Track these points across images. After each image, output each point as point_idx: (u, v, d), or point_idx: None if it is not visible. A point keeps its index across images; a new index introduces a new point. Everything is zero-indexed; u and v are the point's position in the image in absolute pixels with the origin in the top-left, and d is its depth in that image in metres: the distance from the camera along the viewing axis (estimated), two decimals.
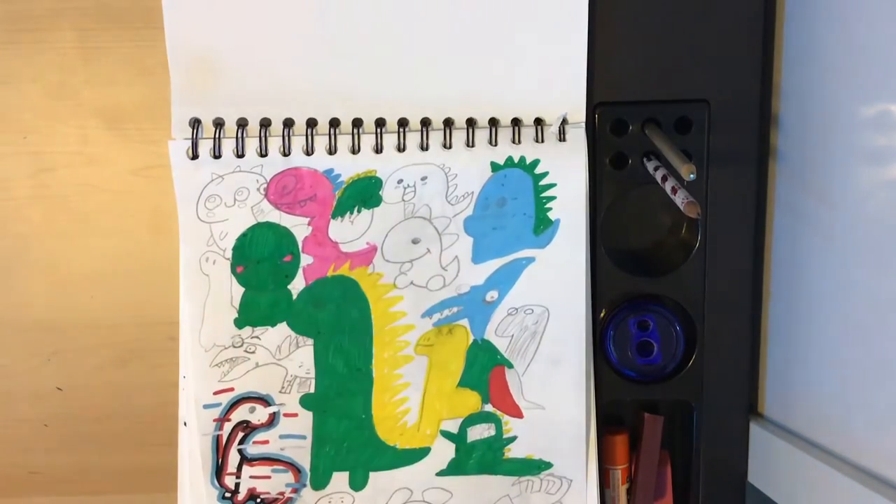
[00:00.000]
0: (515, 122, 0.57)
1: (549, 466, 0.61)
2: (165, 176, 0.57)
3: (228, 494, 0.60)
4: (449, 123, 0.57)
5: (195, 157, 0.56)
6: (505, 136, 0.57)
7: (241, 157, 0.56)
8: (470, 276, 0.58)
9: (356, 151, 0.56)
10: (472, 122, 0.57)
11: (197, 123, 0.56)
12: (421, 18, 0.56)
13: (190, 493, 0.60)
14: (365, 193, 0.57)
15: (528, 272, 0.59)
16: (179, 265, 0.57)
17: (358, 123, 0.57)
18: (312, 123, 0.56)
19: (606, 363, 0.61)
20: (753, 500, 0.62)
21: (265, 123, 0.56)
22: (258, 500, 0.60)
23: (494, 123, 0.57)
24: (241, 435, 0.59)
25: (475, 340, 0.59)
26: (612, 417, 0.64)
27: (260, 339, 0.58)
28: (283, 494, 0.60)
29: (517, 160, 0.57)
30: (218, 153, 0.56)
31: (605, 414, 0.62)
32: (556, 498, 0.61)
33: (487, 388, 0.60)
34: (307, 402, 0.59)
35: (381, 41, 0.56)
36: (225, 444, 0.59)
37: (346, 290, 0.58)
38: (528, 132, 0.57)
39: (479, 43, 0.56)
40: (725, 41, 0.57)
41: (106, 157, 0.58)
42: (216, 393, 0.58)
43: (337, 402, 0.59)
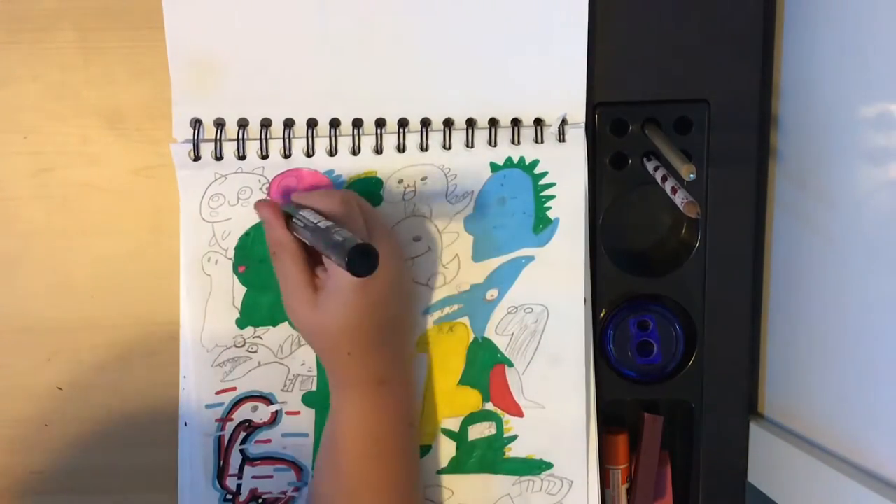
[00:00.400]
0: (515, 122, 0.57)
1: (549, 467, 0.61)
2: (166, 176, 0.57)
3: (230, 496, 0.60)
4: (449, 124, 0.57)
5: (197, 158, 0.56)
6: (504, 136, 0.57)
7: (242, 158, 0.56)
8: (470, 274, 0.58)
9: (356, 152, 0.56)
10: (471, 122, 0.57)
11: (198, 124, 0.56)
12: (421, 19, 0.56)
13: (190, 493, 0.60)
14: (365, 193, 0.57)
15: (527, 271, 0.59)
16: (180, 265, 0.57)
17: (358, 124, 0.57)
18: (313, 124, 0.56)
19: (606, 363, 0.61)
20: (753, 500, 0.62)
21: (266, 124, 0.56)
22: (260, 500, 0.60)
23: (494, 124, 0.57)
24: (243, 434, 0.59)
25: (475, 338, 0.59)
26: (612, 417, 0.64)
27: (262, 338, 0.58)
28: (285, 493, 0.60)
29: (517, 161, 0.57)
30: (219, 155, 0.56)
31: (605, 414, 0.62)
32: (556, 499, 0.61)
33: (488, 386, 0.60)
34: (309, 399, 0.59)
35: (381, 42, 0.56)
36: (227, 444, 0.59)
37: None
38: (527, 132, 0.57)
39: (479, 43, 0.57)
40: (725, 41, 0.58)
41: (106, 156, 0.58)
42: (218, 393, 0.58)
43: None
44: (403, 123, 0.57)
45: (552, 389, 0.60)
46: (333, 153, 0.56)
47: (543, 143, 0.57)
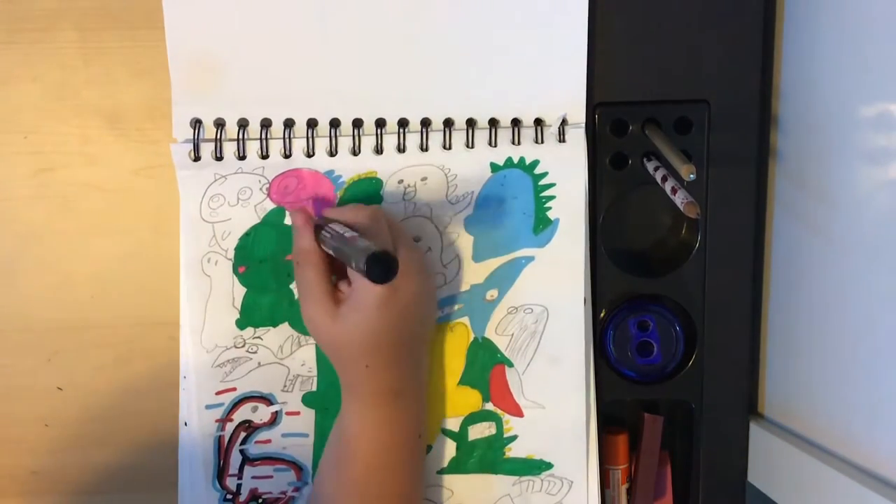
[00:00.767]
0: (515, 122, 0.57)
1: (549, 467, 0.61)
2: (166, 176, 0.57)
3: (230, 496, 0.60)
4: (449, 124, 0.57)
5: (197, 159, 0.56)
6: (505, 136, 0.57)
7: (242, 158, 0.56)
8: (470, 274, 0.58)
9: (357, 153, 0.56)
10: (471, 122, 0.57)
11: (198, 124, 0.56)
12: (421, 19, 0.56)
13: (190, 493, 0.60)
14: (366, 194, 0.57)
15: (527, 271, 0.59)
16: (180, 265, 0.57)
17: (358, 124, 0.57)
18: (313, 124, 0.56)
19: (606, 363, 0.61)
20: (753, 500, 0.62)
21: (266, 124, 0.56)
22: (260, 500, 0.60)
23: (494, 124, 0.57)
24: (243, 435, 0.59)
25: (475, 338, 0.59)
26: (612, 417, 0.64)
27: (262, 339, 0.58)
28: (285, 494, 0.60)
29: (517, 161, 0.57)
30: (220, 155, 0.56)
31: (605, 414, 0.62)
32: (556, 499, 0.61)
33: (488, 386, 0.60)
34: (309, 400, 0.59)
35: (381, 41, 0.56)
36: (227, 444, 0.59)
37: None
38: (527, 133, 0.57)
39: (478, 43, 0.57)
40: (725, 41, 0.58)
41: (106, 156, 0.58)
42: (218, 393, 0.58)
43: (339, 399, 0.59)
44: (403, 123, 0.57)
45: (552, 390, 0.60)
46: (334, 153, 0.56)
47: (543, 143, 0.57)
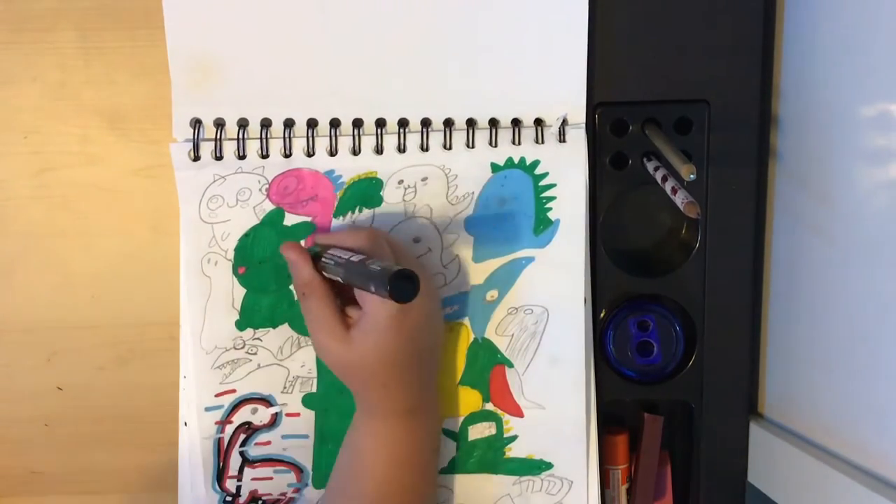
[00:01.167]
0: (515, 122, 0.57)
1: (549, 467, 0.61)
2: (166, 176, 0.57)
3: (230, 498, 0.60)
4: (449, 124, 0.57)
5: (197, 158, 0.56)
6: (505, 136, 0.57)
7: (242, 158, 0.56)
8: (470, 275, 0.58)
9: (357, 153, 0.56)
10: (472, 122, 0.57)
11: (198, 124, 0.56)
12: (421, 19, 0.56)
13: (190, 493, 0.60)
14: (366, 194, 0.57)
15: (527, 272, 0.59)
16: (180, 265, 0.57)
17: (358, 124, 0.57)
18: (313, 124, 0.56)
19: (606, 363, 0.61)
20: (753, 500, 0.62)
21: (266, 124, 0.56)
22: (260, 501, 0.60)
23: (494, 124, 0.57)
24: (242, 437, 0.59)
25: (476, 339, 0.59)
26: (612, 417, 0.64)
27: (261, 340, 0.58)
28: (284, 495, 0.60)
29: (517, 161, 0.57)
30: (219, 155, 0.56)
31: (605, 414, 0.62)
32: (557, 499, 0.61)
33: (488, 386, 0.60)
34: (309, 401, 0.59)
35: (381, 41, 0.56)
36: (226, 446, 0.59)
37: None
38: (528, 133, 0.57)
39: (479, 43, 0.56)
40: (725, 41, 0.58)
41: (106, 156, 0.58)
42: (218, 395, 0.58)
43: (339, 400, 0.59)
44: (404, 123, 0.57)
45: (552, 390, 0.60)
46: (334, 153, 0.56)
47: (544, 143, 0.57)
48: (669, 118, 0.58)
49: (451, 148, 0.57)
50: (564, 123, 0.57)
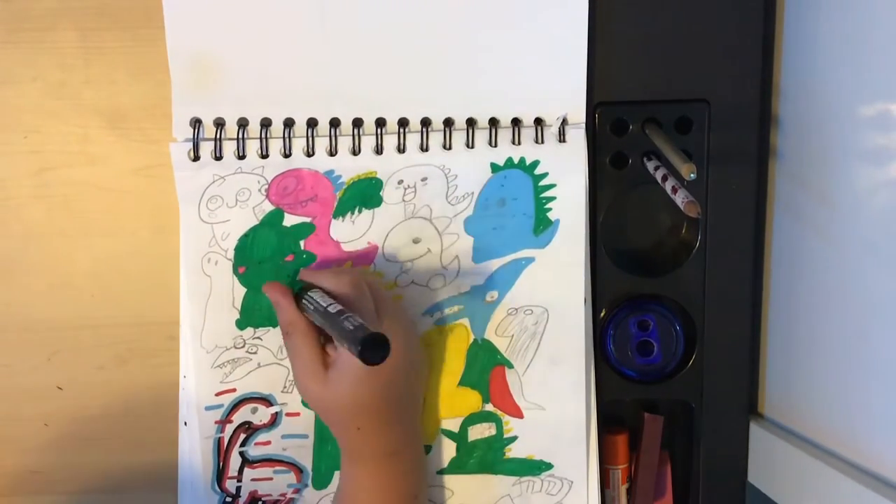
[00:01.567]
0: (515, 122, 0.57)
1: (549, 467, 0.61)
2: (166, 175, 0.57)
3: (230, 499, 0.60)
4: (449, 124, 0.57)
5: (196, 158, 0.56)
6: (505, 136, 0.57)
7: (242, 158, 0.56)
8: (470, 275, 0.58)
9: (356, 153, 0.56)
10: (472, 122, 0.57)
11: (198, 123, 0.56)
12: (421, 18, 0.56)
13: (190, 493, 0.60)
14: (365, 194, 0.57)
15: (527, 272, 0.59)
16: (180, 265, 0.57)
17: (358, 123, 0.57)
18: (313, 124, 0.56)
19: (606, 363, 0.61)
20: (753, 500, 0.62)
21: (266, 123, 0.56)
22: (260, 502, 0.60)
23: (494, 124, 0.57)
24: (242, 437, 0.59)
25: (475, 340, 0.59)
26: (612, 417, 0.64)
27: (262, 339, 0.58)
28: (284, 496, 0.60)
29: (517, 161, 0.57)
30: (219, 154, 0.56)
31: (605, 414, 0.62)
32: (557, 499, 0.61)
33: (488, 387, 0.60)
34: None
35: (381, 41, 0.56)
36: (226, 446, 0.59)
37: None
38: (528, 133, 0.57)
39: (479, 43, 0.56)
40: (725, 41, 0.58)
41: (106, 156, 0.58)
42: (218, 394, 0.58)
43: None
44: (404, 123, 0.57)
45: (552, 391, 0.60)
46: (333, 153, 0.56)
47: (544, 143, 0.57)
48: (669, 118, 0.58)
49: (450, 148, 0.57)
50: (564, 123, 0.57)
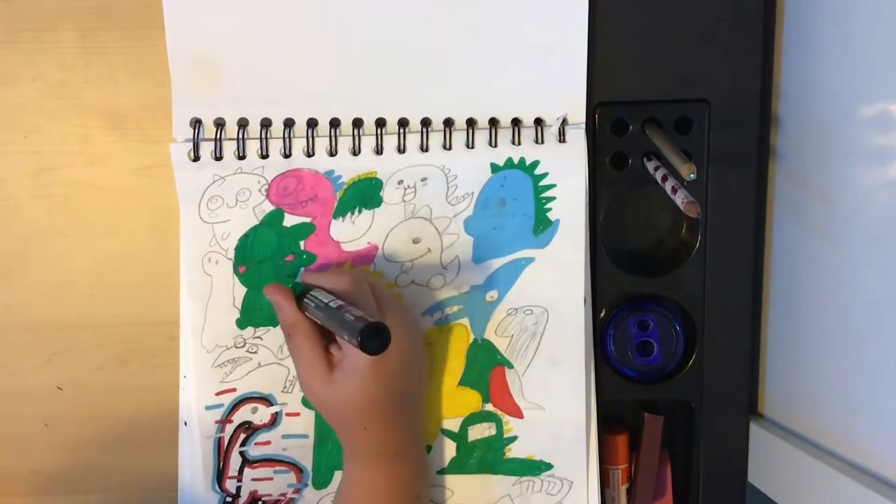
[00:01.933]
0: (515, 122, 0.57)
1: (549, 467, 0.61)
2: (166, 175, 0.57)
3: (230, 499, 0.60)
4: (449, 124, 0.57)
5: (197, 158, 0.56)
6: (505, 137, 0.57)
7: (242, 158, 0.56)
8: (470, 275, 0.58)
9: (357, 153, 0.56)
10: (472, 122, 0.57)
11: (198, 124, 0.56)
12: (421, 19, 0.56)
13: (190, 493, 0.60)
14: (365, 194, 0.57)
15: (527, 272, 0.59)
16: (180, 265, 0.57)
17: (358, 124, 0.57)
18: (313, 124, 0.56)
19: (606, 363, 0.61)
20: (753, 500, 0.62)
21: (266, 124, 0.56)
22: (260, 502, 0.60)
23: (494, 124, 0.57)
24: (242, 437, 0.59)
25: (475, 340, 0.59)
26: (612, 417, 0.64)
27: (262, 339, 0.58)
28: (284, 496, 0.60)
29: (517, 161, 0.57)
30: (219, 155, 0.56)
31: (605, 414, 0.62)
32: (557, 499, 0.61)
33: (488, 387, 0.60)
34: (309, 401, 0.59)
35: (381, 41, 0.56)
36: (226, 446, 0.59)
37: None
38: (527, 133, 0.57)
39: (479, 43, 0.56)
40: (725, 41, 0.57)
41: (107, 156, 0.58)
42: (218, 394, 0.58)
43: None
44: (404, 123, 0.57)
45: (552, 391, 0.60)
46: (334, 153, 0.56)
47: (544, 143, 0.57)
48: (669, 118, 0.58)
49: (450, 148, 0.57)
50: (564, 123, 0.57)
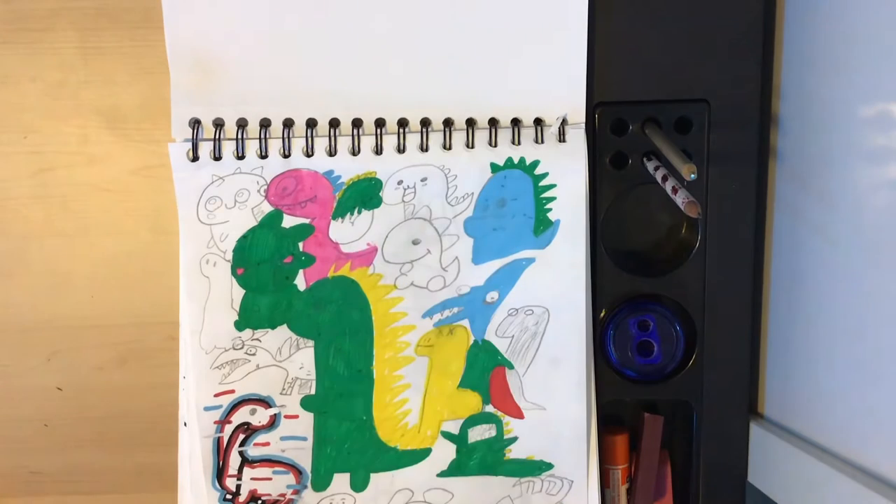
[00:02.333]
0: (515, 122, 0.57)
1: (549, 467, 0.61)
2: (166, 176, 0.57)
3: (230, 496, 0.60)
4: (449, 124, 0.57)
5: (195, 158, 0.55)
6: (505, 137, 0.57)
7: (241, 158, 0.56)
8: (470, 276, 0.58)
9: (356, 153, 0.56)
10: (471, 122, 0.57)
11: (197, 124, 0.56)
12: (420, 18, 0.56)
13: (190, 493, 0.60)
14: (365, 195, 0.57)
15: (527, 273, 0.59)
16: (179, 265, 0.57)
17: (358, 124, 0.57)
18: (312, 124, 0.56)
19: (606, 363, 0.61)
20: (753, 500, 0.62)
21: (265, 124, 0.56)
22: (259, 501, 0.60)
23: (494, 124, 0.57)
24: (241, 437, 0.59)
25: (476, 341, 0.59)
26: (612, 417, 0.64)
27: (260, 341, 0.58)
28: (284, 496, 0.61)
29: (517, 161, 0.57)
30: (218, 155, 0.56)
31: (605, 414, 0.62)
32: (557, 499, 0.61)
33: (488, 388, 0.60)
34: (308, 403, 0.59)
35: (380, 41, 0.56)
36: (226, 446, 0.59)
37: (346, 290, 0.58)
38: (527, 133, 0.57)
39: (478, 43, 0.56)
40: (725, 41, 0.57)
41: (106, 156, 0.58)
42: (217, 395, 0.58)
43: (338, 403, 0.59)
44: (403, 123, 0.57)
45: (553, 391, 0.60)
46: (333, 153, 0.56)
47: (544, 143, 0.57)
48: (669, 118, 0.58)
49: (450, 148, 0.57)
50: (564, 123, 0.57)
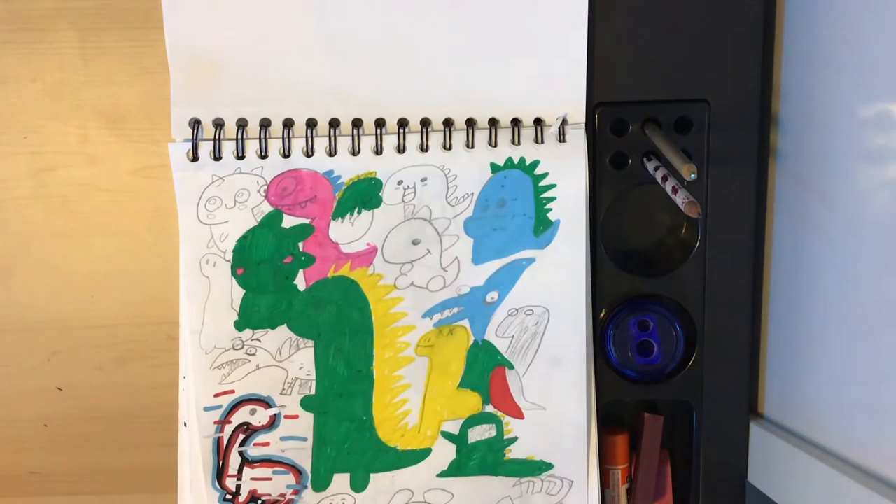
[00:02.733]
0: (515, 122, 0.57)
1: (549, 467, 0.61)
2: (165, 176, 0.57)
3: (230, 496, 0.60)
4: (449, 124, 0.57)
5: (195, 158, 0.55)
6: (505, 137, 0.57)
7: (241, 158, 0.56)
8: (470, 276, 0.58)
9: (356, 153, 0.56)
10: (471, 122, 0.57)
11: (197, 124, 0.56)
12: (420, 18, 0.56)
13: (190, 493, 0.60)
14: (365, 195, 0.57)
15: (528, 273, 0.59)
16: (179, 266, 0.57)
17: (358, 124, 0.56)
18: (312, 124, 0.56)
19: (606, 363, 0.61)
20: (753, 500, 0.62)
21: (265, 124, 0.56)
22: (259, 501, 0.60)
23: (494, 124, 0.57)
24: (241, 437, 0.59)
25: (476, 341, 0.59)
26: (612, 417, 0.64)
27: (260, 341, 0.58)
28: (283, 496, 0.60)
29: (517, 161, 0.57)
30: (218, 155, 0.56)
31: (605, 414, 0.62)
32: (557, 499, 0.61)
33: (488, 388, 0.60)
34: (308, 403, 0.59)
35: (380, 41, 0.56)
36: (226, 446, 0.59)
37: (346, 291, 0.58)
38: (527, 133, 0.57)
39: (478, 43, 0.56)
40: (725, 41, 0.57)
41: (106, 156, 0.58)
42: (217, 395, 0.58)
43: (337, 403, 0.59)
44: (403, 123, 0.57)
45: (553, 391, 0.60)
46: (333, 153, 0.56)
47: (543, 143, 0.57)
48: (669, 118, 0.58)
49: (450, 148, 0.57)
50: (564, 123, 0.57)
